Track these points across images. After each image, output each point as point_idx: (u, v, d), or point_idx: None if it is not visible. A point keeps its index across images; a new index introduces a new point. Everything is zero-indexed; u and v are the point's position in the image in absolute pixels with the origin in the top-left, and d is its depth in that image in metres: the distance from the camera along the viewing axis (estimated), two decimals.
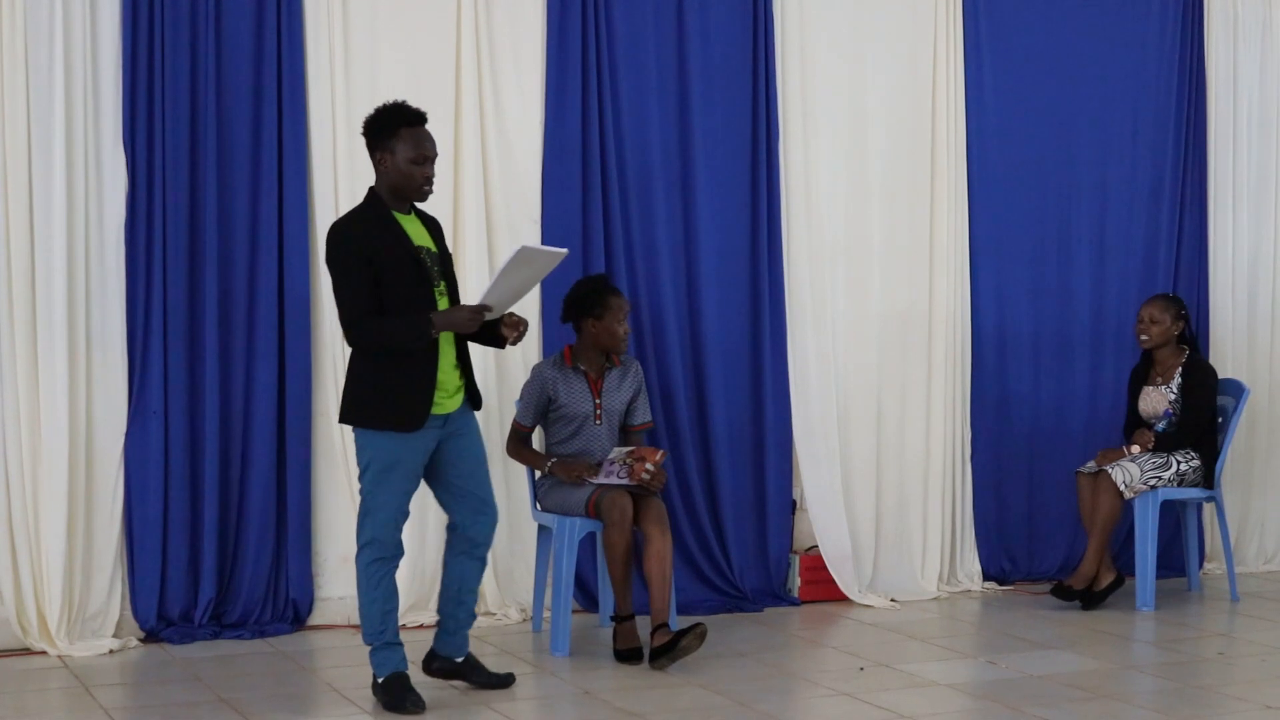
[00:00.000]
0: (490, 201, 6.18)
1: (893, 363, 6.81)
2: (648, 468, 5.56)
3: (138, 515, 5.73)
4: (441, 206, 5.70)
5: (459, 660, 5.05)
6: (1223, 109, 7.41)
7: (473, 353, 5.02)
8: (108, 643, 5.57)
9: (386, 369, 4.72)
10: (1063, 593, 6.47)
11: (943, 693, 5.14)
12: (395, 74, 5.99)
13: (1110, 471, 6.45)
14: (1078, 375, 7.17)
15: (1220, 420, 6.74)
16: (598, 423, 5.73)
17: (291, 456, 5.92)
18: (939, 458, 6.85)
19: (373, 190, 4.83)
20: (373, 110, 4.83)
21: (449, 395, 4.84)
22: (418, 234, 4.83)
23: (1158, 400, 6.68)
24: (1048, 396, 7.13)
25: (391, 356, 4.71)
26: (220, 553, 5.86)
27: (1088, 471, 6.64)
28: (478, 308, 4.74)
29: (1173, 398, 6.64)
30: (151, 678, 5.29)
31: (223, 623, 5.85)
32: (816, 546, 6.62)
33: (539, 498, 5.84)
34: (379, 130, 4.78)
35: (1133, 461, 6.49)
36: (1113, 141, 7.23)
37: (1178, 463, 6.54)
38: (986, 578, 6.97)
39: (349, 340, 4.76)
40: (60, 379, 5.53)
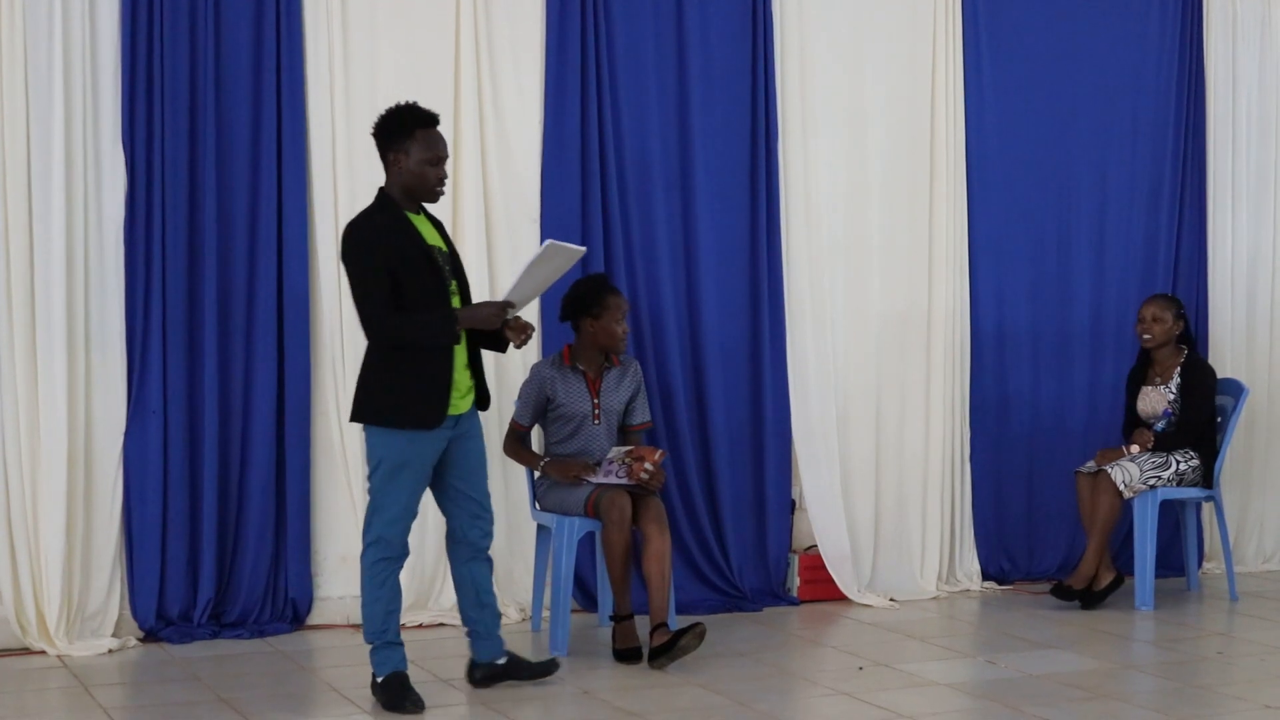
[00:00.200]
0: (489, 201, 6.18)
1: (892, 362, 6.81)
2: (646, 467, 5.55)
3: (137, 514, 5.72)
4: (441, 206, 5.64)
5: (501, 662, 5.05)
6: (1222, 108, 7.41)
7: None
8: (107, 642, 5.57)
9: (403, 367, 4.70)
10: (1062, 592, 6.47)
11: (942, 692, 5.14)
12: (394, 74, 5.99)
13: (1109, 471, 6.45)
14: (1077, 375, 7.17)
15: (1219, 420, 6.74)
16: (596, 422, 5.73)
17: (291, 456, 5.91)
18: (938, 457, 6.85)
19: (383, 191, 4.82)
20: (384, 111, 4.82)
21: (461, 396, 4.84)
22: (429, 234, 4.84)
23: (1156, 400, 6.68)
24: (1047, 396, 7.13)
25: (409, 355, 4.70)
26: (219, 552, 5.85)
27: (1087, 471, 6.64)
28: (501, 304, 4.78)
29: (1171, 398, 6.64)
30: (150, 677, 5.28)
31: (222, 622, 5.84)
32: (816, 546, 6.62)
33: (538, 497, 5.84)
34: (392, 131, 4.77)
35: (1132, 461, 6.49)
36: (1112, 141, 7.23)
37: (1177, 462, 6.53)
38: (986, 577, 6.97)
39: (371, 338, 4.72)
40: (59, 378, 5.53)
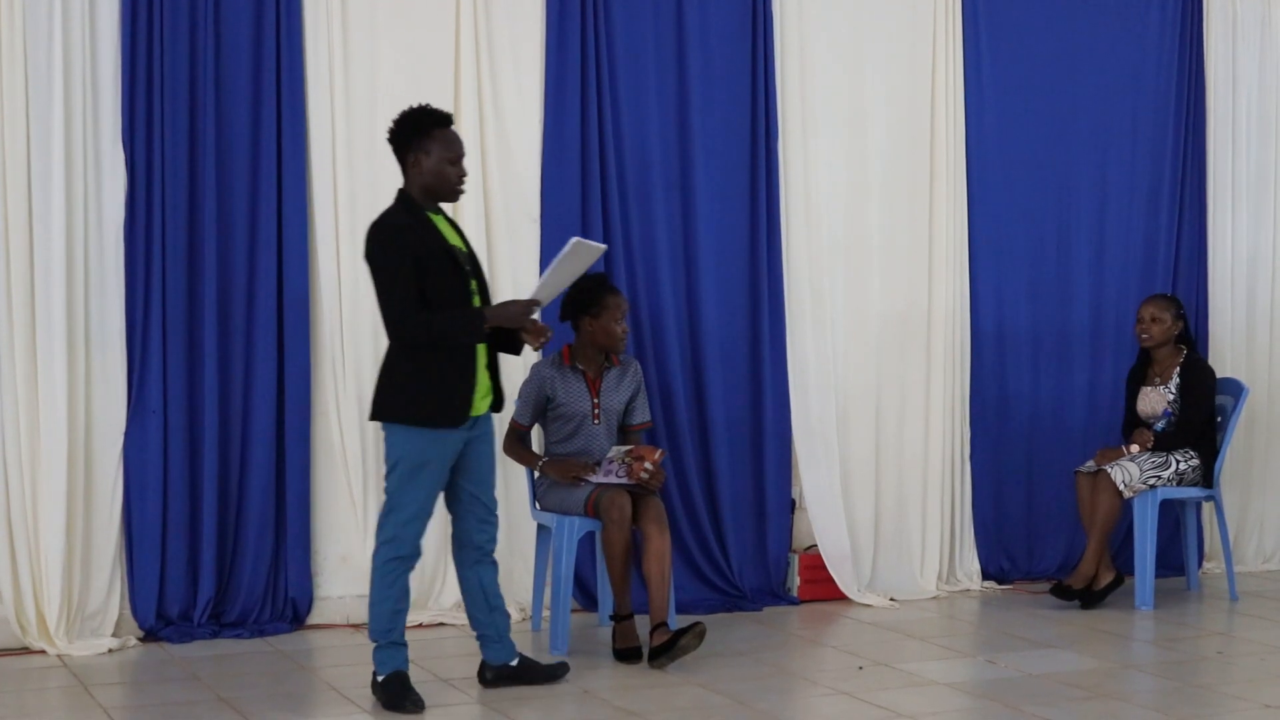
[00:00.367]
0: (489, 201, 6.17)
1: (892, 362, 6.81)
2: (646, 467, 5.55)
3: (137, 514, 5.72)
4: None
5: (514, 664, 5.06)
6: (1222, 108, 7.41)
7: None
8: (107, 642, 5.57)
9: (427, 366, 4.71)
10: (1062, 592, 6.47)
11: (942, 692, 5.14)
12: (394, 74, 5.99)
13: (1109, 471, 6.45)
14: (1077, 374, 7.17)
15: (1219, 419, 6.74)
16: (596, 422, 5.73)
17: (290, 456, 5.91)
18: (938, 457, 6.85)
19: (403, 192, 4.82)
20: (398, 116, 4.82)
21: (481, 396, 4.85)
22: (450, 234, 4.86)
23: (1156, 400, 6.68)
24: (1047, 395, 7.13)
25: (433, 353, 4.70)
26: (219, 552, 5.85)
27: (1087, 471, 6.64)
28: (529, 301, 4.80)
29: (1171, 397, 6.64)
30: (150, 677, 5.28)
31: (221, 622, 5.84)
32: (815, 546, 6.62)
33: (538, 497, 5.84)
34: (410, 133, 4.78)
35: (1132, 461, 6.48)
36: (1112, 141, 7.23)
37: (1177, 462, 6.53)
38: (985, 577, 6.97)
39: (397, 335, 4.71)
40: (59, 378, 5.53)
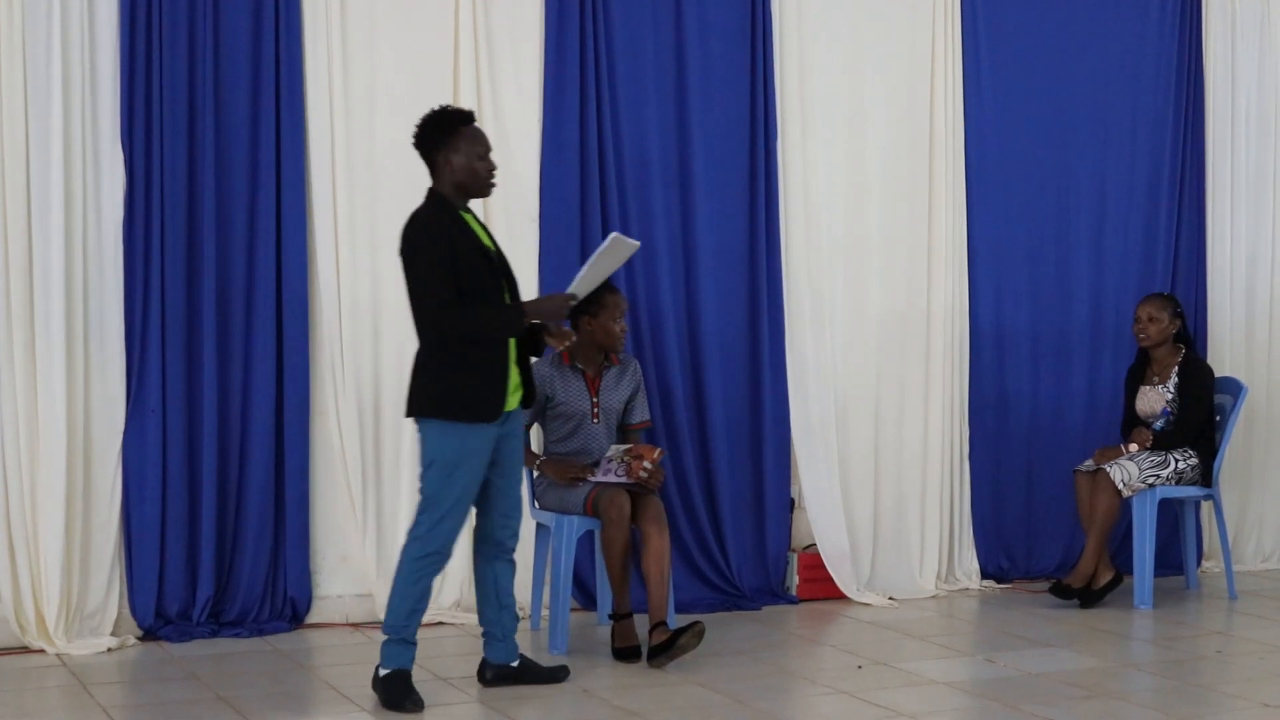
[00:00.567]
0: (489, 200, 6.14)
1: (891, 361, 6.81)
2: (645, 466, 5.55)
3: (136, 513, 5.72)
4: None
5: (515, 665, 5.06)
6: (1221, 108, 7.41)
7: None
8: (106, 641, 5.57)
9: (462, 362, 4.72)
10: (1061, 591, 6.47)
11: (941, 691, 5.14)
12: (394, 74, 5.99)
13: (1108, 470, 6.45)
14: (1076, 374, 7.18)
15: (1218, 418, 6.74)
16: (595, 421, 5.73)
17: (290, 455, 5.91)
18: (937, 456, 6.85)
19: (435, 191, 4.84)
20: (422, 119, 4.83)
21: (512, 392, 4.86)
22: (481, 232, 4.89)
23: (1155, 399, 6.68)
24: (1046, 395, 7.13)
25: (466, 349, 4.72)
26: (218, 551, 5.85)
27: (1086, 470, 6.64)
28: (566, 296, 4.87)
29: (1170, 397, 6.64)
30: (149, 676, 5.28)
31: (221, 621, 5.84)
32: (815, 545, 6.62)
33: (537, 496, 5.84)
34: (437, 133, 4.80)
35: (1131, 460, 6.49)
36: (1111, 141, 7.23)
37: (1176, 461, 6.53)
38: (985, 576, 6.97)
39: (433, 330, 4.72)
40: (58, 377, 5.52)
